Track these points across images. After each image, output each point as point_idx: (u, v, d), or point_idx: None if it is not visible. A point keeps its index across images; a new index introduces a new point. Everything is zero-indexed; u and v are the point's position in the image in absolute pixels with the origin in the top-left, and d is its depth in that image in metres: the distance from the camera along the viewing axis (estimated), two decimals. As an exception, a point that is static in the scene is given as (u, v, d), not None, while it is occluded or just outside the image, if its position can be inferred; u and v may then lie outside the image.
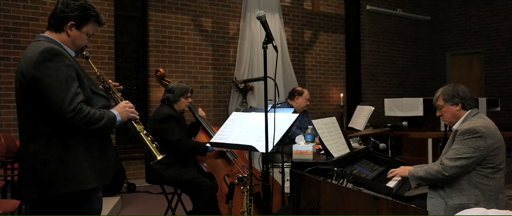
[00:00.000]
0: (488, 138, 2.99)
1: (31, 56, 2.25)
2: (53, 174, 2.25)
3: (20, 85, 2.28)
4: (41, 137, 2.26)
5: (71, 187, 2.27)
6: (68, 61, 2.28)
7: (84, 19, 2.39)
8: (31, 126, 2.28)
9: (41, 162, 2.25)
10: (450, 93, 3.17)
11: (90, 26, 2.42)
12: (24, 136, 2.33)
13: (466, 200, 2.98)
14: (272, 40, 2.72)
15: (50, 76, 2.21)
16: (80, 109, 2.23)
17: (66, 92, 2.21)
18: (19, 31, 6.41)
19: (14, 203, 3.87)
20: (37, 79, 2.21)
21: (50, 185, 2.25)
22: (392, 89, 10.84)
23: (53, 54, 2.24)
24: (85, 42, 2.44)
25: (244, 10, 8.43)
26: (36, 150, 2.26)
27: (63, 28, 2.37)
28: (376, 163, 3.85)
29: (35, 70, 2.22)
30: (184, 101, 4.25)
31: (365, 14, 10.38)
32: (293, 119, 3.08)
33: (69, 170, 2.27)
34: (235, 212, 3.55)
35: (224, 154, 4.26)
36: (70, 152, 2.28)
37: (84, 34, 2.41)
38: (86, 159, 2.31)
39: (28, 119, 2.29)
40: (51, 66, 2.22)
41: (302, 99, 5.28)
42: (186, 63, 7.88)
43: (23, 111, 2.32)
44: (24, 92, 2.27)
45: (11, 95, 6.36)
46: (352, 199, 2.61)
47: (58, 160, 2.25)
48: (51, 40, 2.35)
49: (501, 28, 10.87)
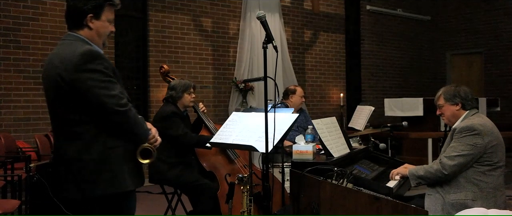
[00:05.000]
0: (485, 135, 3.01)
1: (69, 58, 2.24)
2: (96, 175, 2.26)
3: (58, 86, 2.26)
4: (81, 138, 2.26)
5: (114, 188, 2.30)
6: (106, 63, 2.30)
7: (99, 7, 2.35)
8: (70, 127, 2.28)
9: (83, 163, 2.26)
10: (452, 93, 3.20)
11: (107, 12, 2.38)
12: (60, 137, 2.34)
13: (463, 196, 3.00)
14: (272, 40, 2.72)
15: (93, 78, 2.22)
16: (130, 108, 2.28)
17: (112, 91, 2.24)
18: (19, 31, 6.41)
19: (14, 203, 3.87)
20: (80, 82, 2.22)
21: (93, 185, 2.27)
22: (392, 89, 10.84)
23: (93, 57, 2.25)
24: (109, 29, 2.42)
25: (244, 10, 8.43)
26: (77, 151, 2.27)
27: (84, 23, 2.34)
28: (376, 163, 3.85)
29: (76, 72, 2.22)
30: (187, 97, 4.23)
31: (365, 14, 10.38)
32: (293, 119, 3.08)
33: (111, 171, 2.29)
34: (235, 212, 3.55)
35: (226, 153, 4.26)
36: (111, 153, 2.29)
37: (105, 21, 2.38)
38: (125, 161, 2.33)
39: (66, 120, 2.29)
40: (93, 68, 2.23)
41: (296, 97, 5.27)
42: (186, 63, 7.88)
43: (60, 112, 2.31)
44: (62, 93, 2.26)
45: (11, 95, 6.36)
46: (352, 199, 2.61)
47: (100, 162, 2.27)
48: (79, 38, 2.34)
49: (501, 28, 10.87)
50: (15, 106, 6.40)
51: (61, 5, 6.68)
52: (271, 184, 2.91)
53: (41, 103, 6.58)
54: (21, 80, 6.44)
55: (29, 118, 6.49)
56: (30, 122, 6.49)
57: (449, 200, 3.03)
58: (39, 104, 6.55)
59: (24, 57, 6.45)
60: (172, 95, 4.21)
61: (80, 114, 2.26)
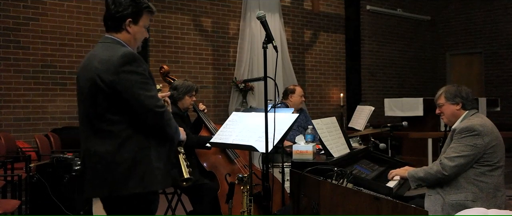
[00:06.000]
0: (485, 136, 3.01)
1: (109, 59, 2.32)
2: (126, 173, 2.32)
3: (96, 87, 2.33)
4: (115, 137, 2.33)
5: (142, 187, 2.35)
6: (144, 65, 2.39)
7: (138, 13, 2.46)
8: (104, 126, 2.34)
9: (114, 162, 2.32)
10: (453, 92, 3.20)
11: (145, 18, 2.50)
12: (92, 135, 2.38)
13: (463, 197, 3.00)
14: (272, 40, 2.72)
15: (133, 80, 2.30)
16: (166, 110, 2.39)
17: (150, 92, 2.34)
18: (19, 31, 6.42)
19: (14, 203, 3.87)
20: (119, 82, 2.29)
21: (122, 184, 2.33)
22: (392, 89, 10.84)
23: (132, 59, 2.34)
24: (144, 34, 2.54)
25: (244, 10, 8.43)
26: (110, 150, 2.32)
27: (122, 27, 2.46)
28: (376, 163, 3.85)
29: (116, 74, 2.29)
30: (188, 99, 4.23)
31: (365, 14, 10.38)
32: (293, 119, 3.08)
33: (141, 171, 2.34)
34: (235, 212, 3.55)
35: (226, 153, 4.25)
36: (144, 153, 2.36)
37: (142, 27, 2.50)
38: (156, 162, 2.39)
39: (101, 119, 2.34)
40: (132, 70, 2.32)
41: (296, 96, 5.27)
42: (186, 63, 7.88)
43: (95, 111, 2.36)
44: (100, 93, 2.32)
45: (11, 95, 6.36)
46: (352, 199, 2.61)
47: (132, 161, 2.33)
48: (118, 41, 2.45)
49: (501, 28, 10.87)
50: (15, 106, 6.40)
51: (61, 5, 6.68)
52: (271, 184, 2.91)
53: (41, 103, 6.58)
54: (21, 80, 6.44)
55: (29, 118, 6.49)
56: (30, 122, 6.49)
57: (449, 200, 3.02)
58: (39, 104, 6.56)
59: (24, 57, 6.45)
60: (173, 95, 4.20)
61: (116, 114, 2.33)
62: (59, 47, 6.69)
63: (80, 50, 6.82)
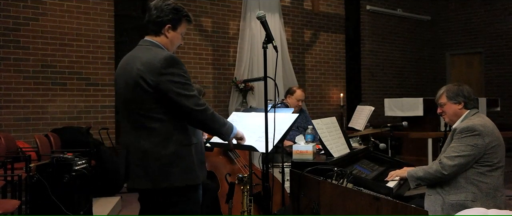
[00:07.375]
0: (485, 136, 3.00)
1: (152, 62, 2.47)
2: (169, 168, 2.48)
3: (139, 87, 2.47)
4: (158, 134, 2.48)
5: (185, 180, 2.52)
6: (184, 68, 2.54)
7: (177, 21, 2.63)
8: (148, 124, 2.49)
9: (158, 156, 2.47)
10: (455, 92, 3.19)
11: (183, 26, 2.67)
12: (133, 132, 2.53)
13: (463, 197, 3.00)
14: (272, 40, 2.72)
15: (175, 81, 2.46)
16: (207, 107, 2.53)
17: (191, 92, 2.49)
18: (19, 31, 6.41)
19: (14, 203, 3.87)
20: (163, 83, 2.44)
21: (166, 177, 2.48)
22: (392, 89, 10.84)
23: (175, 62, 2.50)
24: (180, 41, 2.71)
25: (244, 10, 8.43)
26: (153, 146, 2.48)
27: (162, 31, 2.62)
28: (376, 163, 3.85)
29: (160, 75, 2.44)
30: None
31: (365, 14, 10.38)
32: (293, 119, 3.07)
33: (183, 165, 2.51)
34: (235, 212, 3.55)
35: (226, 153, 4.26)
36: (185, 149, 2.52)
37: (179, 33, 2.67)
38: (196, 156, 2.57)
39: (144, 117, 2.50)
40: (175, 72, 2.48)
41: (293, 99, 5.29)
42: (186, 63, 7.80)
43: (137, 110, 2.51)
44: (144, 93, 2.47)
45: (11, 95, 6.36)
46: (352, 199, 2.61)
47: (175, 156, 2.49)
48: (157, 44, 2.61)
49: (501, 28, 10.87)
50: (15, 106, 6.40)
51: (61, 5, 6.68)
52: (271, 184, 2.91)
53: (41, 103, 6.58)
54: (21, 80, 6.44)
55: (29, 118, 6.49)
56: (30, 122, 6.49)
57: (449, 200, 3.02)
58: (39, 104, 6.56)
59: (24, 57, 6.45)
60: None
61: (159, 113, 2.48)
62: (59, 47, 6.68)
63: (80, 50, 6.82)
